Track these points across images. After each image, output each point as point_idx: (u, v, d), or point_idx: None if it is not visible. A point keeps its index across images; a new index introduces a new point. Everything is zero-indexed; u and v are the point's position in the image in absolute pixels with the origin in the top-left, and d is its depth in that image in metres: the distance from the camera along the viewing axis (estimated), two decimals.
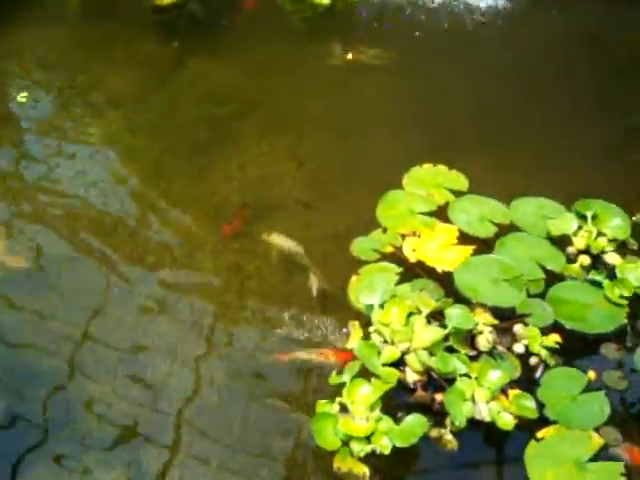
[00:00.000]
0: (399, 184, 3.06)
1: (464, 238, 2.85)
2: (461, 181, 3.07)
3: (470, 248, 2.79)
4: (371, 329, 2.47)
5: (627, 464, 2.20)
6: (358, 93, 3.68)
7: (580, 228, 2.83)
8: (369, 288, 2.59)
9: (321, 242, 2.92)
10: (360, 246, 2.80)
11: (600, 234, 2.81)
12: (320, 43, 4.00)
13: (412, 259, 2.76)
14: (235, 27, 4.11)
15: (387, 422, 2.25)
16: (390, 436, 2.22)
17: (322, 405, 2.30)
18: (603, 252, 2.78)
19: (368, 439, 2.23)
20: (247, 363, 2.54)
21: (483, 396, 2.29)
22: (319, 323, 2.66)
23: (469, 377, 2.35)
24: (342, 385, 2.34)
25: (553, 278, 2.72)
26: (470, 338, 2.48)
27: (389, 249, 2.80)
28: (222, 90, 3.65)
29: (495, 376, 2.31)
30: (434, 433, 2.28)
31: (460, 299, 2.62)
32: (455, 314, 2.41)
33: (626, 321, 2.58)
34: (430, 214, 2.94)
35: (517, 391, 2.36)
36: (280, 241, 2.81)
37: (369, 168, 3.25)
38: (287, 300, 2.75)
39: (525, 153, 3.32)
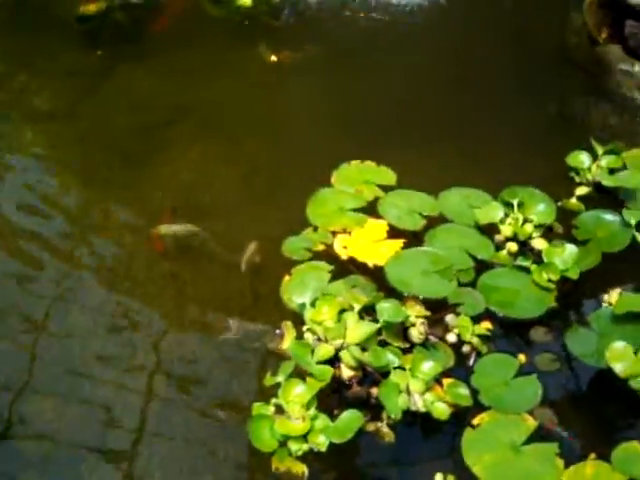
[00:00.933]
0: (329, 182, 3.07)
1: (394, 232, 2.87)
2: (389, 176, 3.09)
3: (400, 242, 2.81)
4: (304, 328, 2.47)
5: None
6: (287, 94, 3.68)
7: (507, 216, 2.87)
8: (300, 287, 2.60)
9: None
10: (291, 246, 2.80)
11: (526, 221, 2.85)
12: (246, 46, 3.97)
13: (343, 256, 2.77)
14: (161, 34, 4.07)
15: (323, 420, 2.26)
16: (326, 433, 2.23)
17: (258, 407, 2.30)
18: (530, 238, 2.82)
19: (305, 438, 2.23)
20: (186, 370, 2.51)
21: (417, 387, 2.31)
22: (254, 326, 2.65)
23: (403, 369, 2.36)
24: (278, 386, 2.33)
25: (483, 266, 2.75)
26: (403, 331, 2.49)
27: (320, 247, 2.80)
28: (151, 98, 3.62)
29: (428, 367, 2.33)
30: (371, 427, 2.29)
31: (393, 293, 2.63)
32: (386, 308, 2.42)
33: (555, 304, 2.62)
34: (360, 210, 2.95)
35: (451, 380, 2.38)
36: (172, 229, 2.78)
37: (300, 168, 3.25)
38: (224, 304, 2.73)
39: (452, 145, 3.35)
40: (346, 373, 2.39)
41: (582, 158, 3.12)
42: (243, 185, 3.20)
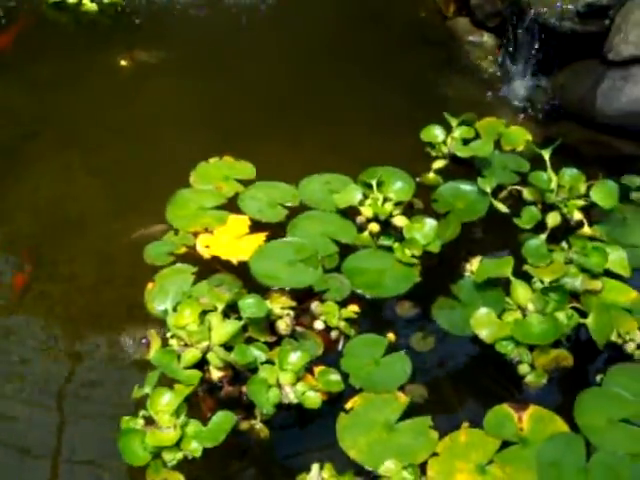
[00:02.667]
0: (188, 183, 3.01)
1: (257, 226, 2.84)
2: (249, 170, 3.06)
3: (263, 235, 2.78)
4: (168, 335, 2.41)
5: None
6: (147, 98, 3.60)
7: (367, 197, 2.87)
8: (162, 293, 2.54)
9: (122, 253, 2.82)
10: (153, 252, 2.73)
11: (386, 200, 2.86)
12: (98, 52, 3.88)
13: (207, 255, 2.72)
14: (12, 46, 3.92)
15: (194, 425, 2.21)
16: (199, 439, 2.18)
17: (127, 421, 2.23)
18: (391, 216, 2.83)
19: (178, 446, 2.17)
20: (57, 389, 2.42)
21: (287, 379, 2.28)
22: (122, 338, 2.57)
23: (272, 363, 2.33)
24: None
25: (347, 250, 2.75)
26: (270, 324, 2.46)
27: (182, 250, 2.74)
28: (8, 111, 3.47)
29: (295, 357, 2.30)
30: (245, 425, 2.25)
31: (259, 287, 2.60)
32: (248, 304, 2.39)
33: (420, 279, 2.64)
34: (220, 208, 2.90)
35: (322, 367, 2.37)
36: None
37: (161, 171, 3.18)
38: (94, 320, 2.64)
39: (312, 132, 3.35)
40: (215, 374, 2.35)
41: (435, 132, 3.15)
42: (109, 195, 3.10)
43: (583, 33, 3.28)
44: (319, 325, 2.49)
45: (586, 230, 2.80)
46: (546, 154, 2.98)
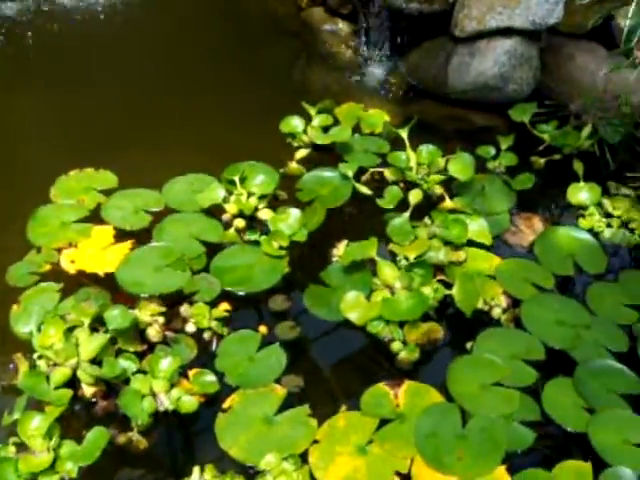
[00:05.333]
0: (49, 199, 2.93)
1: (123, 235, 2.79)
2: (110, 179, 2.99)
3: (128, 243, 2.73)
4: (35, 356, 2.34)
5: None
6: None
7: (231, 193, 2.86)
8: (26, 314, 2.46)
9: None
10: (15, 273, 2.64)
11: (250, 194, 2.86)
12: None
13: (72, 271, 2.65)
14: None
15: (68, 445, 2.16)
16: (74, 458, 2.13)
17: None
18: (256, 210, 2.83)
19: (53, 468, 2.12)
20: None
21: (160, 387, 2.25)
22: None
23: (144, 372, 2.30)
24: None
25: (214, 249, 2.73)
26: (140, 333, 2.42)
27: (47, 267, 2.66)
28: None
29: (166, 364, 2.28)
30: (122, 439, 2.21)
31: (129, 297, 2.55)
32: (113, 316, 2.34)
33: (289, 269, 2.65)
34: (83, 220, 2.83)
35: (197, 370, 2.35)
36: None
37: (21, 189, 3.07)
38: None
39: (175, 135, 3.30)
40: (88, 391, 2.30)
41: (295, 122, 3.17)
42: None
43: (430, 13, 3.35)
44: (191, 328, 2.46)
45: (447, 203, 2.87)
46: (403, 133, 3.04)
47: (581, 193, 2.97)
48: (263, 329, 2.47)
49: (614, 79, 3.10)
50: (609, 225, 2.87)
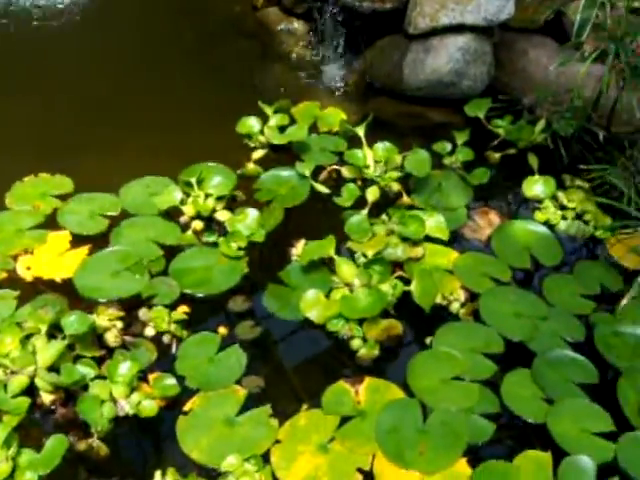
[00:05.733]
0: (4, 205, 2.89)
1: (79, 240, 2.77)
2: (66, 184, 2.97)
3: (85, 248, 2.71)
4: None
5: None
6: None
7: (189, 195, 2.85)
8: None
9: None
10: None
11: (208, 196, 2.85)
12: None
13: (29, 277, 2.63)
14: None
15: (27, 454, 2.14)
16: (33, 467, 2.11)
17: None
18: (214, 212, 2.82)
19: (12, 478, 2.10)
20: None
21: (120, 392, 2.24)
22: None
23: (104, 378, 2.28)
24: None
25: (173, 252, 2.72)
26: (98, 338, 2.40)
27: (2, 275, 2.64)
28: None
29: (125, 368, 2.26)
30: (82, 446, 2.19)
31: (87, 302, 2.53)
32: (70, 322, 2.32)
33: (247, 270, 2.65)
34: (39, 227, 2.80)
35: (157, 374, 2.33)
36: None
37: None
38: None
39: (133, 138, 3.27)
40: (47, 398, 2.28)
41: (251, 123, 3.17)
42: None
43: (383, 11, 3.37)
44: (150, 332, 2.45)
45: (405, 200, 2.89)
46: (360, 131, 3.05)
47: (536, 186, 3.00)
48: (223, 330, 2.47)
49: (566, 73, 3.14)
50: (564, 217, 2.90)
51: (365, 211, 2.83)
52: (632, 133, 2.91)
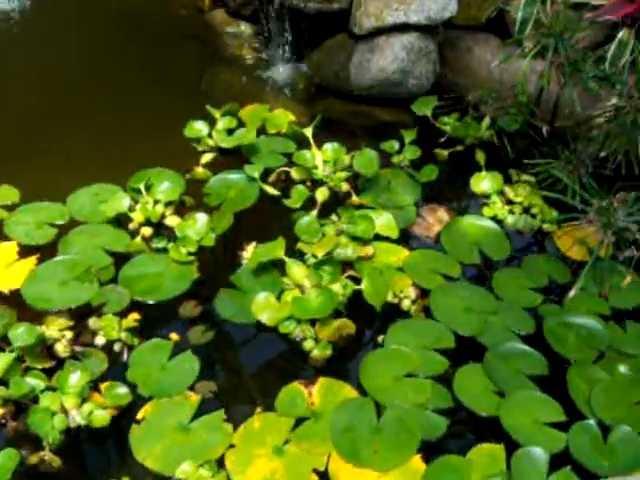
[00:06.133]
0: None
1: (27, 250, 2.73)
2: (12, 194, 2.93)
3: (33, 258, 2.68)
4: None
5: None
6: None
7: (137, 202, 2.83)
8: None
9: None
10: None
11: (156, 202, 2.83)
12: None
13: None
14: None
15: None
16: None
17: None
18: (163, 217, 2.80)
19: None
20: None
21: (71, 403, 2.22)
22: None
23: (54, 389, 2.26)
24: None
25: (122, 259, 2.70)
26: (48, 349, 2.37)
27: None
28: None
29: (75, 379, 2.25)
30: (34, 459, 2.17)
31: (37, 313, 2.50)
32: (18, 334, 2.30)
33: (198, 275, 2.64)
34: None
35: (108, 383, 2.32)
36: None
37: None
38: None
39: (81, 145, 3.23)
40: None
41: (199, 126, 3.16)
42: None
43: (329, 11, 3.37)
44: (100, 340, 2.43)
45: (354, 200, 2.90)
46: (308, 132, 3.05)
47: (483, 182, 3.03)
48: (175, 337, 2.46)
49: (509, 69, 3.18)
50: (511, 212, 2.94)
51: (315, 212, 2.84)
52: (574, 127, 2.95)
